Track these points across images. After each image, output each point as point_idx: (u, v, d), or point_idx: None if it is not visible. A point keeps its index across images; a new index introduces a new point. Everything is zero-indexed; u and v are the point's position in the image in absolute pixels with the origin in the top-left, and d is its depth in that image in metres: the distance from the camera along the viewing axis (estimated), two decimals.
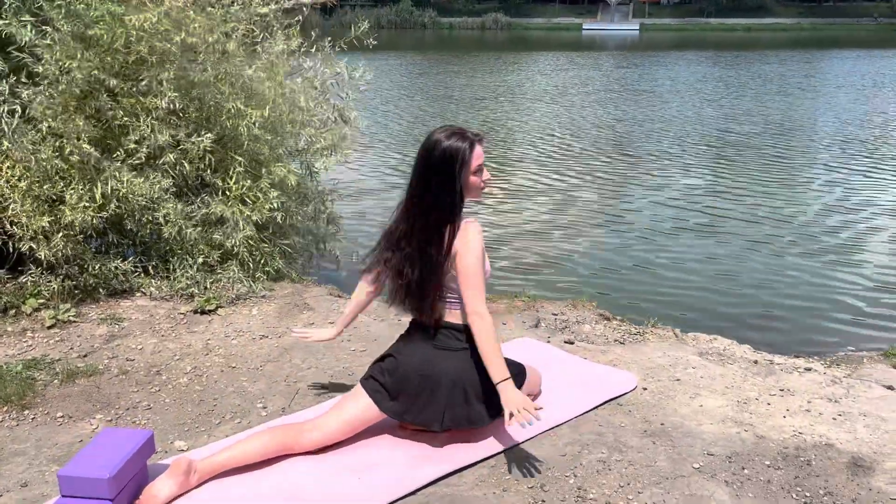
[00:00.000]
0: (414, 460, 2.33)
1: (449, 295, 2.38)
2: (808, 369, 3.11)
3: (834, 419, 2.61)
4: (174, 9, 3.98)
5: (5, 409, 2.68)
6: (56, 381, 2.88)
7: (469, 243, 2.30)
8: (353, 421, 2.38)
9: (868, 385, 2.88)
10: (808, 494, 2.17)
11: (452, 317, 2.39)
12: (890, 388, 2.86)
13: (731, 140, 11.17)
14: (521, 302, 3.88)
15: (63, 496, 2.02)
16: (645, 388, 2.81)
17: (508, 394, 2.21)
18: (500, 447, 2.40)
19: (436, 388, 2.34)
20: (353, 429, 2.39)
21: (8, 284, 3.70)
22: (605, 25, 61.98)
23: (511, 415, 2.17)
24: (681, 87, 19.00)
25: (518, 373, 2.55)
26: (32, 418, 2.63)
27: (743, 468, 2.30)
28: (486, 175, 2.37)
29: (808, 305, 4.96)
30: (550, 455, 2.37)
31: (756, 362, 3.15)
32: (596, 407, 2.66)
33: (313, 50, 4.90)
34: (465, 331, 2.39)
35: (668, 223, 6.85)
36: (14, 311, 3.53)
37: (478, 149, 2.33)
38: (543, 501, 2.13)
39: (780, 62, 26.85)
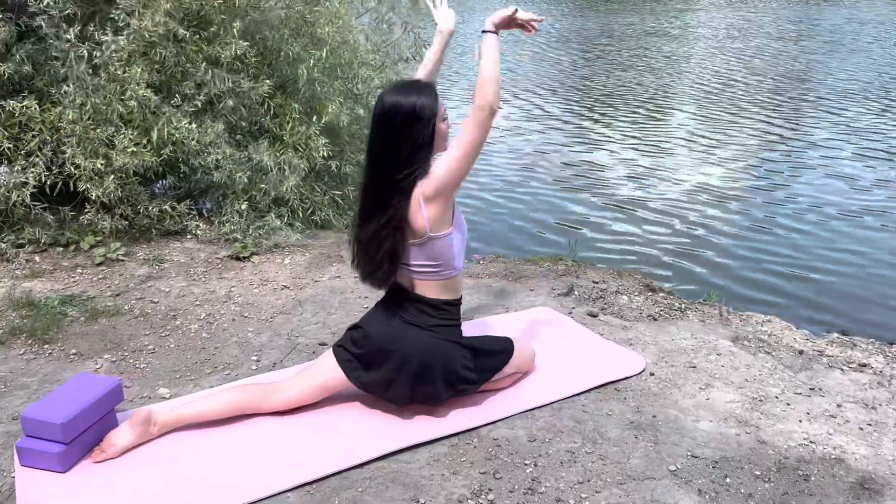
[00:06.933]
0: (375, 431, 2.26)
1: (420, 264, 2.25)
2: (864, 365, 2.74)
3: (861, 429, 2.28)
4: None
5: (30, 342, 2.86)
6: (82, 318, 3.03)
7: (433, 171, 2.17)
8: (321, 386, 2.34)
9: None
10: None
11: (422, 289, 2.27)
12: None
13: None
14: (563, 266, 3.67)
15: (27, 436, 2.13)
16: (652, 374, 2.58)
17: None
18: (470, 425, 2.28)
19: (403, 365, 2.24)
20: (320, 394, 2.35)
21: (74, 222, 3.93)
22: None
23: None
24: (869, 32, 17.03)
25: (502, 350, 2.41)
26: (49, 353, 2.79)
27: (726, 476, 2.05)
28: (449, 121, 2.24)
29: None
30: (518, 439, 2.23)
31: (801, 353, 2.80)
32: (589, 390, 2.47)
33: None
34: (437, 306, 2.27)
35: (802, 197, 6.05)
36: (74, 246, 3.75)
37: (438, 95, 2.20)
38: (490, 490, 2.01)
39: None
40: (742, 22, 19.37)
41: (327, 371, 2.33)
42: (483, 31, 2.25)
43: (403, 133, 2.13)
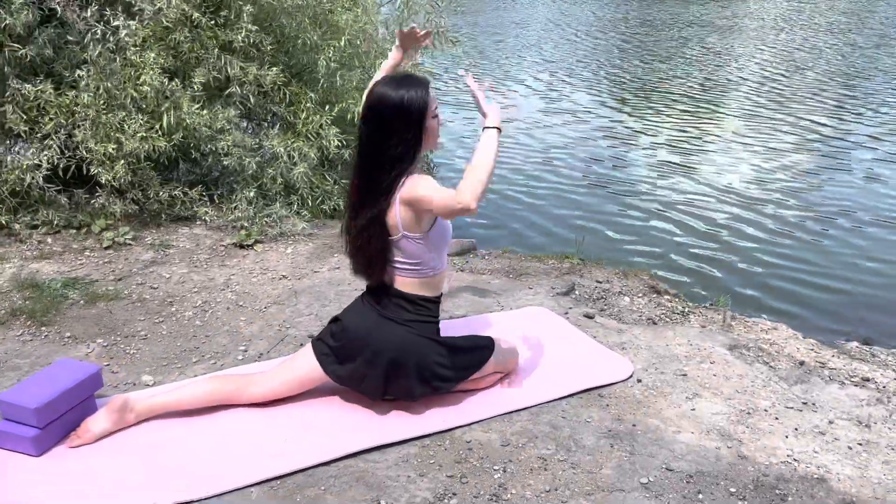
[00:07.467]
0: (351, 427, 2.25)
1: (399, 260, 2.23)
2: (866, 379, 2.63)
3: (849, 448, 2.18)
4: None
5: (29, 323, 2.91)
6: (81, 301, 3.08)
7: (418, 184, 2.12)
8: (298, 380, 2.34)
9: None
10: None
11: (403, 285, 2.25)
12: None
13: None
14: (568, 263, 3.60)
15: (3, 419, 2.16)
16: (639, 380, 2.51)
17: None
18: (445, 426, 2.25)
19: (377, 359, 2.23)
20: (297, 387, 2.34)
21: (87, 206, 3.99)
22: None
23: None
24: None
25: (482, 348, 2.37)
26: (45, 335, 2.83)
27: (699, 492, 1.99)
28: (440, 118, 2.21)
29: None
30: (491, 442, 2.19)
31: (801, 364, 2.71)
32: (572, 394, 2.42)
33: None
34: (415, 302, 2.25)
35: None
36: (86, 229, 3.81)
37: (431, 91, 2.17)
38: (454, 495, 1.98)
39: None
40: (792, 12, 18.82)
41: (306, 364, 2.33)
42: (485, 128, 2.16)
43: (393, 126, 2.12)
